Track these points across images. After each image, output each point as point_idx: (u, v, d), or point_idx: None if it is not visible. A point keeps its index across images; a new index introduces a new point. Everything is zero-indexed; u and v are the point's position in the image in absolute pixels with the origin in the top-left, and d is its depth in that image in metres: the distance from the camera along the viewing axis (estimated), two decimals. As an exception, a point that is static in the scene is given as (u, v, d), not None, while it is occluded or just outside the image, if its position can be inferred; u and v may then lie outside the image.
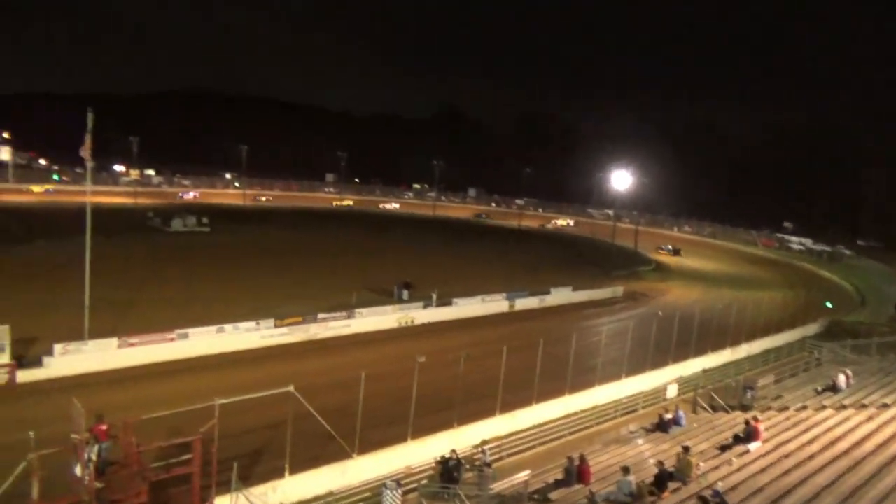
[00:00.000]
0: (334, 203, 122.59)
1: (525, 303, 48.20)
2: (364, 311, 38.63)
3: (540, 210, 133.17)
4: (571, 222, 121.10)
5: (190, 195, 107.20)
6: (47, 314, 32.89)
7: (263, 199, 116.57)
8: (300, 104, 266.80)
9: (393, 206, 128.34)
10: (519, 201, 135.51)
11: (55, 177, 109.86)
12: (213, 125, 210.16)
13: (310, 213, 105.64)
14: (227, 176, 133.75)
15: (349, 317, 37.55)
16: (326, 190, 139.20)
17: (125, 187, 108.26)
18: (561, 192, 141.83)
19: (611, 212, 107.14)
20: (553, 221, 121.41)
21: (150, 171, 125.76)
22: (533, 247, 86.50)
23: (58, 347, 27.09)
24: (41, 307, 34.77)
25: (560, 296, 51.27)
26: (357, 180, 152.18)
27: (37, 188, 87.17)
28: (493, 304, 46.11)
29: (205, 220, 73.43)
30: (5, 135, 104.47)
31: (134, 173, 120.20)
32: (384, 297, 44.48)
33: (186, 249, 60.30)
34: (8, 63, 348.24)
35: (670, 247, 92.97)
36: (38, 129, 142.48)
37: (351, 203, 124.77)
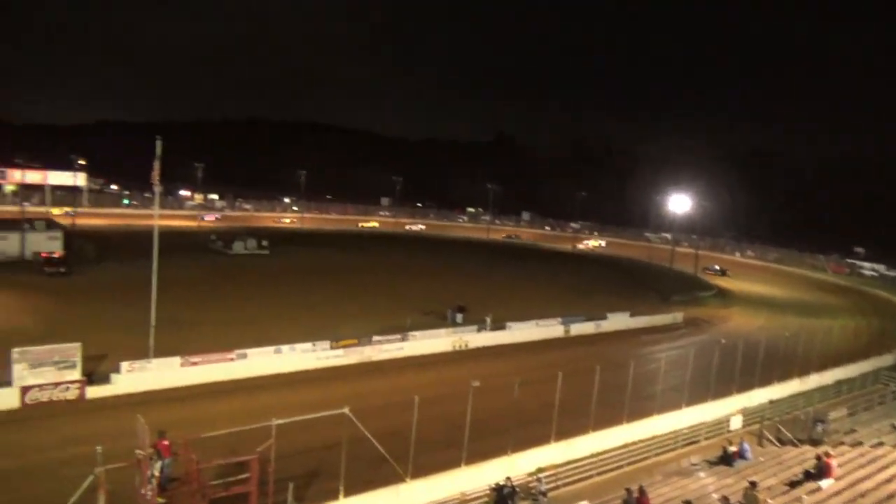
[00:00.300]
0: (360, 225, 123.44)
1: (581, 328, 47.43)
2: (418, 334, 38.72)
3: (595, 234, 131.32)
4: (603, 243, 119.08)
5: (212, 217, 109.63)
6: (116, 332, 34.20)
7: (287, 220, 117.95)
8: (357, 130, 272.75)
9: (419, 227, 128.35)
10: (574, 225, 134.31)
11: (125, 201, 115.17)
12: (273, 151, 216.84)
13: (368, 237, 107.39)
14: (286, 200, 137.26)
15: (403, 339, 37.70)
16: (381, 213, 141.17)
17: (190, 211, 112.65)
18: (618, 215, 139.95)
19: (669, 235, 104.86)
20: (584, 242, 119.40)
21: (214, 196, 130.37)
22: (587, 270, 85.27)
23: (124, 365, 28.14)
24: (110, 325, 36.27)
25: (617, 321, 50.25)
26: (420, 205, 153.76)
27: (56, 210, 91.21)
28: (547, 329, 45.54)
29: (265, 242, 75.26)
30: (81, 161, 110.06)
31: (198, 198, 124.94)
32: (437, 319, 44.54)
33: (247, 271, 61.97)
34: (86, 94, 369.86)
35: (717, 267, 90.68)
36: (111, 155, 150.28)
37: (376, 225, 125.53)
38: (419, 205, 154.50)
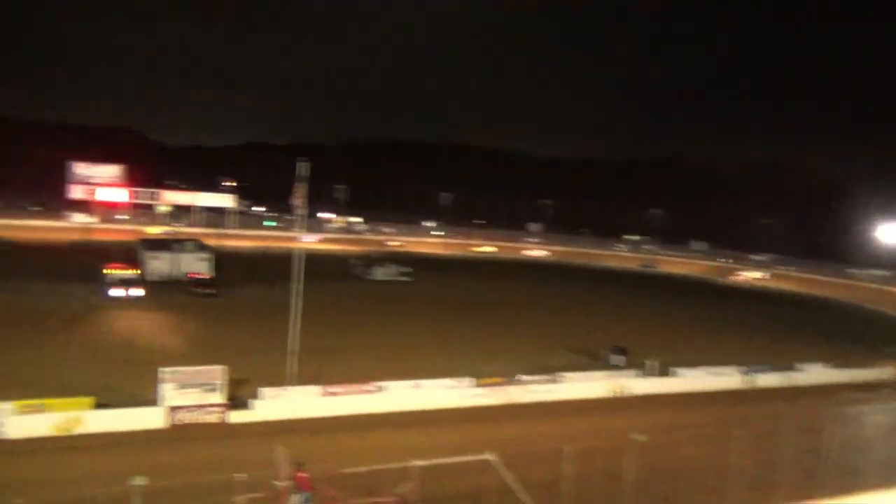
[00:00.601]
0: (473, 250, 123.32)
1: (765, 379, 44.07)
2: (570, 375, 37.96)
3: (792, 269, 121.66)
4: (766, 276, 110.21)
5: (312, 238, 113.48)
6: (257, 356, 36.76)
7: (393, 244, 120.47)
8: (504, 150, 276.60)
9: (539, 253, 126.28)
10: (757, 257, 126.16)
11: (269, 223, 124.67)
12: (417, 173, 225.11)
13: (510, 264, 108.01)
14: (428, 224, 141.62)
15: (554, 381, 37.10)
16: (527, 240, 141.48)
17: (332, 234, 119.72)
18: (812, 248, 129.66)
19: (881, 272, 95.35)
20: (740, 273, 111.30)
21: (355, 219, 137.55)
22: (760, 309, 79.36)
23: (265, 391, 30.08)
24: (252, 349, 39.07)
25: (812, 374, 46.16)
26: (586, 231, 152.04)
27: (153, 230, 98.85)
28: (723, 379, 42.77)
29: (406, 269, 78.02)
30: (228, 183, 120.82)
31: (340, 220, 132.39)
32: (592, 360, 43.55)
33: (387, 298, 64.55)
34: (237, 117, 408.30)
35: None
36: (256, 177, 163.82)
37: (495, 250, 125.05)
38: (585, 231, 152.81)
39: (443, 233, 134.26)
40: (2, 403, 25.34)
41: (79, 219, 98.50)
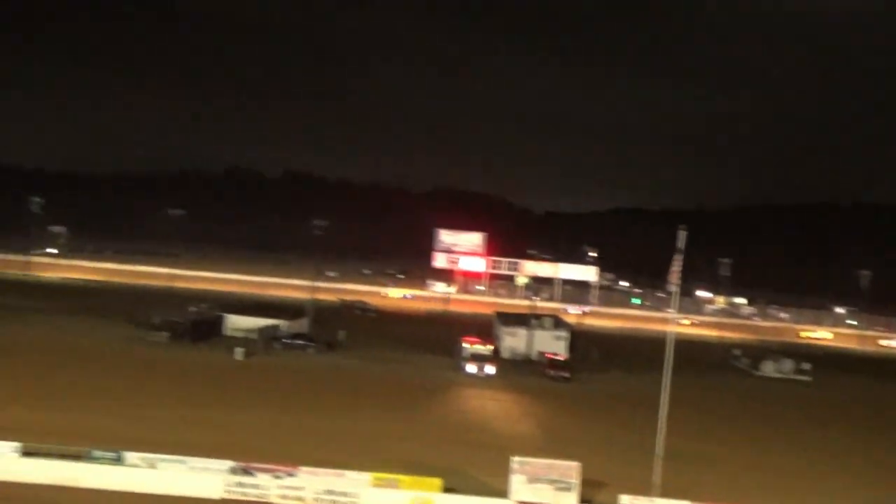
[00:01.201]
0: (801, 335, 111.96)
1: None
2: None
3: None
4: None
5: (579, 310, 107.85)
6: (613, 455, 36.89)
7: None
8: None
9: None
10: None
11: (636, 301, 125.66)
12: (825, 244, 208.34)
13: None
14: (838, 310, 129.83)
15: None
16: None
17: (709, 317, 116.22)
18: None
19: None
20: None
21: (741, 300, 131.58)
22: None
23: (624, 499, 29.74)
24: (608, 446, 39.33)
25: None
26: None
27: (394, 293, 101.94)
28: None
29: (805, 365, 72.61)
30: (592, 253, 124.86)
31: (720, 301, 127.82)
32: None
33: (778, 401, 60.64)
34: (607, 179, 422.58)
35: None
36: (623, 247, 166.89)
37: (828, 336, 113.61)
38: None
39: (856, 322, 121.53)
40: (359, 473, 29.16)
41: (439, 288, 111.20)
